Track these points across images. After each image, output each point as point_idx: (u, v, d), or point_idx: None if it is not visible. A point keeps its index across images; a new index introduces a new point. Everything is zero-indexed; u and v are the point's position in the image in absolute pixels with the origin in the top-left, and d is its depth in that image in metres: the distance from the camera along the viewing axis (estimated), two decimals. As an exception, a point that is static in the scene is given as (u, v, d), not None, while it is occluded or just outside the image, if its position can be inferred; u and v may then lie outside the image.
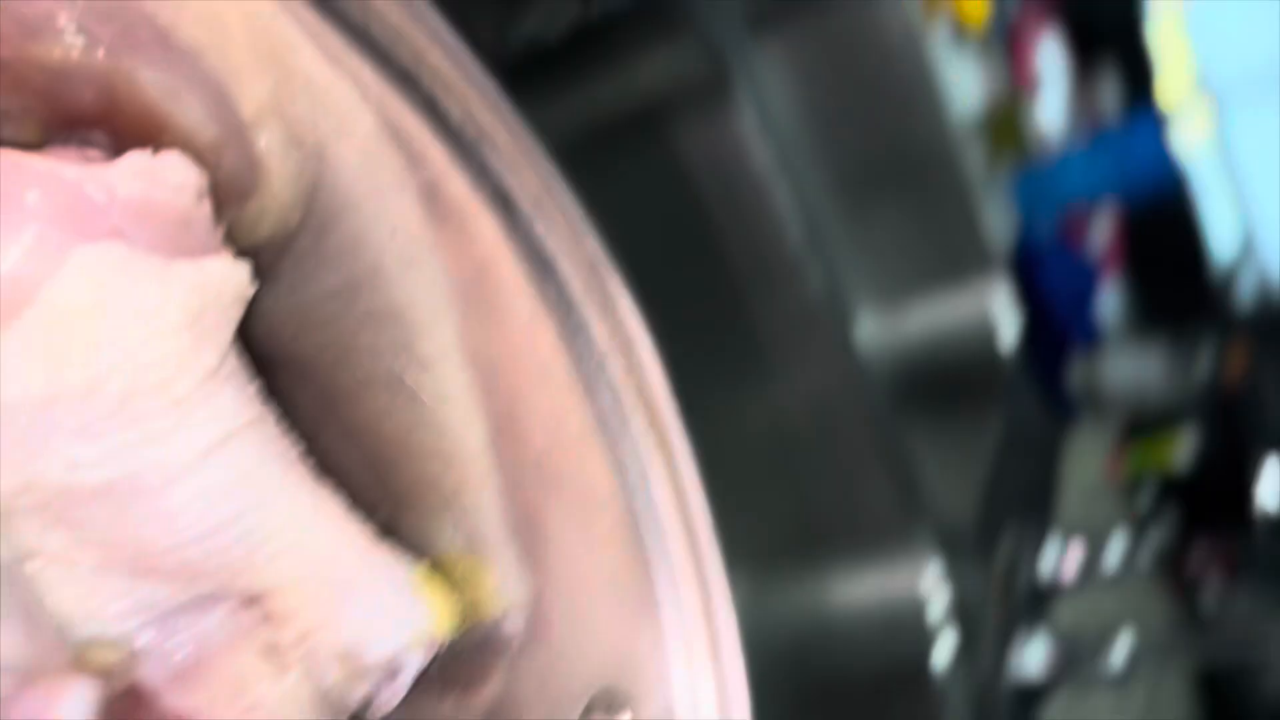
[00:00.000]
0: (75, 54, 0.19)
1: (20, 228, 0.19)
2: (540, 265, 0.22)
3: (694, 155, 0.57)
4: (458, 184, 0.22)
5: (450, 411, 0.25)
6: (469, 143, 0.21)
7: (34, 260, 0.19)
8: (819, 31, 0.85)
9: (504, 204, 0.22)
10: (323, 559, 0.23)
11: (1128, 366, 1.05)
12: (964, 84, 1.00)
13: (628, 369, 0.23)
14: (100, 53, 0.19)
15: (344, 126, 0.22)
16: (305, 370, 0.25)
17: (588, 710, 0.24)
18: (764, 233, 0.59)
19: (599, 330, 0.23)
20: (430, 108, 0.20)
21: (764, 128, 0.60)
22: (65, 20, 0.19)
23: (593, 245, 0.22)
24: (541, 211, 0.22)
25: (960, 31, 0.97)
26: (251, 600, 0.23)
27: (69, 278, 0.19)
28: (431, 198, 0.23)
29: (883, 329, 0.84)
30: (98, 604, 0.21)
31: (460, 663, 0.25)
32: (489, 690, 0.25)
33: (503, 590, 0.26)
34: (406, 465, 0.26)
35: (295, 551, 0.23)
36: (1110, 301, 1.13)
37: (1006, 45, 1.10)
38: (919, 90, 0.90)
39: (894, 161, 0.89)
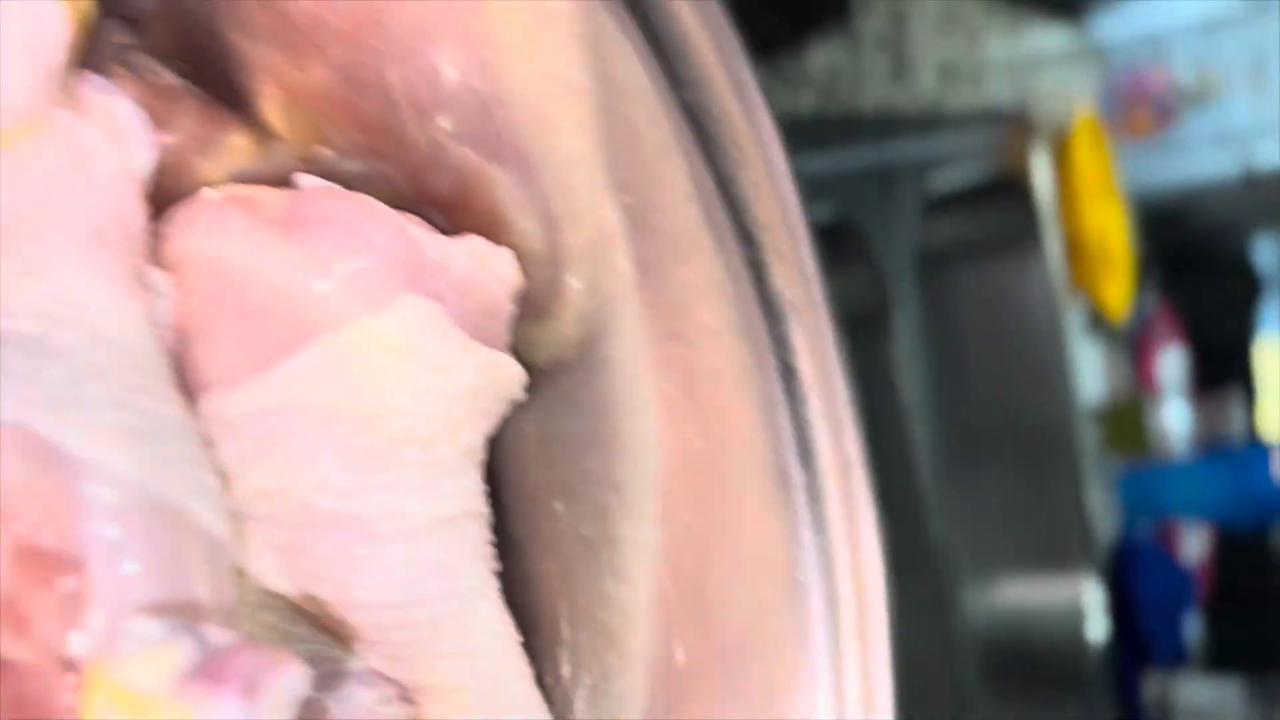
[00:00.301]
0: (448, 146, 0.21)
1: (356, 255, 0.20)
2: (800, 452, 0.22)
3: (850, 373, 0.57)
4: (739, 355, 0.22)
5: (633, 593, 0.24)
6: (778, 313, 0.21)
7: (360, 287, 0.20)
8: (968, 287, 0.87)
9: (786, 381, 0.21)
10: (492, 676, 0.23)
11: (1203, 695, 1.00)
12: (1091, 371, 1.00)
13: (855, 583, 0.22)
14: (470, 151, 0.21)
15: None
16: (511, 502, 0.25)
17: None
18: (899, 463, 0.58)
19: (837, 533, 0.22)
20: (754, 270, 0.21)
21: (912, 364, 0.61)
22: (446, 116, 0.21)
23: (853, 442, 0.22)
24: (820, 396, 0.21)
25: (1096, 319, 0.98)
26: (408, 695, 0.22)
27: (392, 315, 0.20)
28: (694, 366, 0.23)
29: (974, 594, 0.81)
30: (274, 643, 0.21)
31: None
32: None
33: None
34: (566, 628, 0.25)
35: (472, 658, 0.22)
36: (1193, 622, 1.09)
37: (1135, 346, 1.11)
38: (1049, 365, 0.91)
39: (1012, 429, 0.89)
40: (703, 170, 0.20)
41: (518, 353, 0.22)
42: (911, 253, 0.63)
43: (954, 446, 0.87)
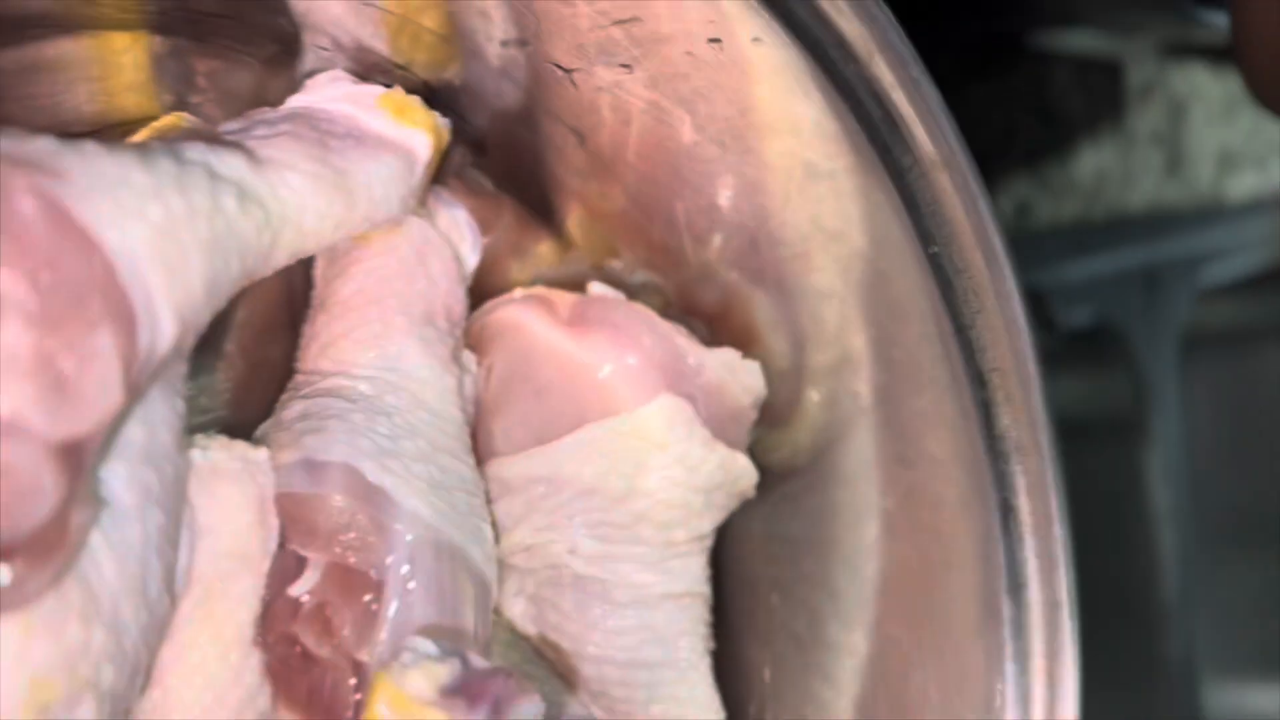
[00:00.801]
0: (717, 268, 0.24)
1: (628, 354, 0.24)
2: (1010, 587, 0.23)
3: (1098, 480, 0.56)
4: (961, 486, 0.23)
5: (837, 697, 0.26)
6: (1002, 451, 0.22)
7: (627, 381, 0.24)
8: (1242, 376, 0.81)
9: (1004, 517, 0.23)
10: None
11: None
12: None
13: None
14: (736, 274, 0.24)
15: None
16: (732, 590, 0.27)
17: None
18: (1141, 576, 0.56)
19: (1037, 668, 0.23)
20: (983, 409, 0.22)
21: (1167, 470, 0.58)
22: (719, 243, 0.24)
23: (1064, 584, 0.23)
24: (1035, 535, 0.22)
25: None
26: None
27: (653, 410, 0.24)
28: (916, 489, 0.24)
29: (1222, 701, 0.76)
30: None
31: None
32: None
33: None
34: (770, 717, 0.27)
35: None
36: None
37: None
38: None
39: (1268, 523, 0.82)
40: (943, 314, 0.22)
41: (754, 454, 0.25)
42: (1178, 352, 0.61)
43: (1217, 541, 0.81)
